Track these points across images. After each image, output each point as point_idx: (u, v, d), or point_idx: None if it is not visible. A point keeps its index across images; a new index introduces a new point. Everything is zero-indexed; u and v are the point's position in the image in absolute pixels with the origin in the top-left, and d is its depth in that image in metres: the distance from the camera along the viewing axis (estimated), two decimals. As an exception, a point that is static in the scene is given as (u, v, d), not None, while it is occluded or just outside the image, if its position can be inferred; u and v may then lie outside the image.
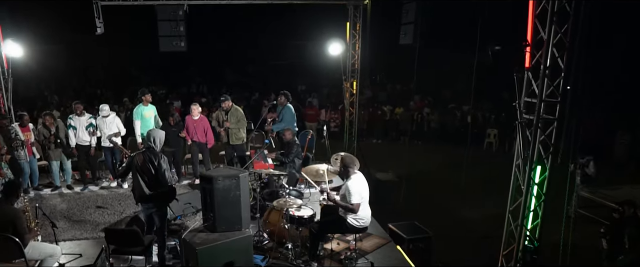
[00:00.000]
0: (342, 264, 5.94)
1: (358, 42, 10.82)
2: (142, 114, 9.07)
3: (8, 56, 9.76)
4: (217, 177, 5.12)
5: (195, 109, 9.06)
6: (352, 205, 5.47)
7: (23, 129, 8.48)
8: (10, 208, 5.13)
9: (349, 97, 11.28)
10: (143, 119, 9.07)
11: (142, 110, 9.10)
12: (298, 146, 8.11)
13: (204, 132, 9.09)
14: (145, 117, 9.08)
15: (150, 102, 9.25)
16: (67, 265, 5.95)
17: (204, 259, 4.98)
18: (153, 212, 5.70)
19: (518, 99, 4.88)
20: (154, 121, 9.28)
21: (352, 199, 5.47)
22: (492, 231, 8.25)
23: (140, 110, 9.11)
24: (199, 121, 9.04)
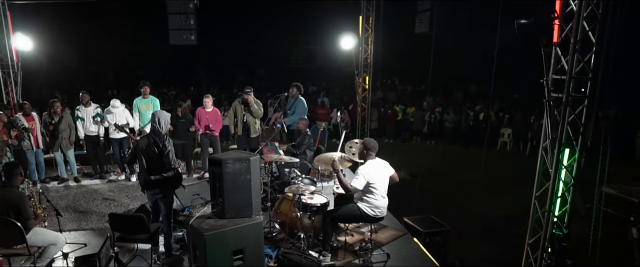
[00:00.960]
0: (356, 255, 5.66)
1: (371, 36, 10.61)
2: (138, 107, 8.91)
3: (18, 49, 9.74)
4: (227, 160, 4.88)
5: (208, 101, 8.85)
6: (352, 186, 5.20)
7: (27, 118, 8.33)
8: (12, 191, 4.95)
9: (361, 93, 11.04)
10: (140, 112, 8.91)
11: (139, 103, 8.93)
12: (310, 137, 7.87)
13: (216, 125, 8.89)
14: (141, 110, 8.92)
15: (148, 94, 9.03)
16: (71, 254, 5.73)
17: (212, 245, 4.72)
18: (159, 198, 5.48)
19: (546, 75, 4.60)
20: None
21: (354, 181, 5.21)
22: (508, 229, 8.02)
23: (137, 103, 8.95)
24: (211, 113, 8.83)
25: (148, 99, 8.95)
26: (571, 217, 4.76)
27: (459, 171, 11.86)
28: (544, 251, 4.85)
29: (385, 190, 5.43)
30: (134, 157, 5.50)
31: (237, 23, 21.04)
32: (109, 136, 8.86)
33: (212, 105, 8.96)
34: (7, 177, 5.02)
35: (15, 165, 5.18)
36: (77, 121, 8.66)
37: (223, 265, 4.84)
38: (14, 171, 5.02)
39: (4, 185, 5.01)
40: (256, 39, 23.16)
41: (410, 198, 9.05)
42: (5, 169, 5.17)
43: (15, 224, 4.77)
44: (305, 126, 7.86)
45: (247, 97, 8.39)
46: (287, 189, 6.04)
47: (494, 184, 10.54)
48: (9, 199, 4.87)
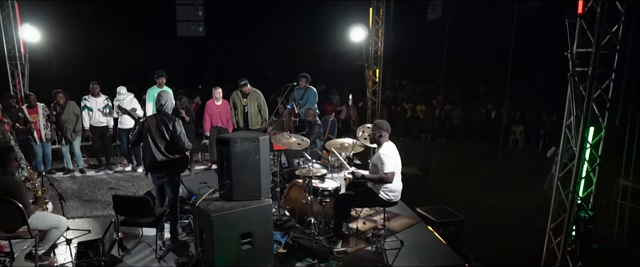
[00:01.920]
0: (369, 242, 5.45)
1: (381, 28, 10.41)
2: (154, 97, 8.71)
3: (25, 41, 9.65)
4: (235, 139, 4.70)
5: (218, 92, 8.68)
6: (385, 174, 5.00)
7: (31, 110, 8.19)
8: (9, 179, 4.73)
9: (371, 86, 10.84)
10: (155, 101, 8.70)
11: (154, 93, 8.72)
12: (320, 127, 7.68)
13: (227, 117, 8.74)
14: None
15: (164, 85, 8.82)
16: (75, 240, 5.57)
17: (219, 227, 4.54)
18: (165, 181, 5.30)
19: (570, 48, 4.38)
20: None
21: (385, 167, 5.00)
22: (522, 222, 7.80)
23: (152, 92, 8.73)
24: (222, 106, 8.66)
25: (163, 89, 8.76)
26: (597, 198, 4.52)
27: (470, 167, 11.64)
28: (568, 234, 4.62)
29: (399, 173, 5.22)
30: (139, 137, 5.31)
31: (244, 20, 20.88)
32: (118, 127, 8.70)
33: (222, 98, 8.78)
34: (1, 164, 4.79)
35: (10, 149, 4.99)
36: (83, 111, 8.51)
37: (231, 249, 4.66)
38: (9, 156, 4.79)
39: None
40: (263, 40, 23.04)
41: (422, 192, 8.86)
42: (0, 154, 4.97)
43: (16, 205, 4.60)
44: (313, 116, 7.67)
45: (245, 88, 8.27)
46: (297, 171, 5.84)
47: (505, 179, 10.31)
48: (5, 188, 4.65)
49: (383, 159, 5.04)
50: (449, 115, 15.69)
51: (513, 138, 14.81)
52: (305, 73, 8.67)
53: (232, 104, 8.54)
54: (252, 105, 8.32)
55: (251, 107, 8.30)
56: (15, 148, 7.40)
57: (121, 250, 5.35)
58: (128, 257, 5.27)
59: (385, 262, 5.06)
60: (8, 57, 9.61)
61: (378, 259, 5.12)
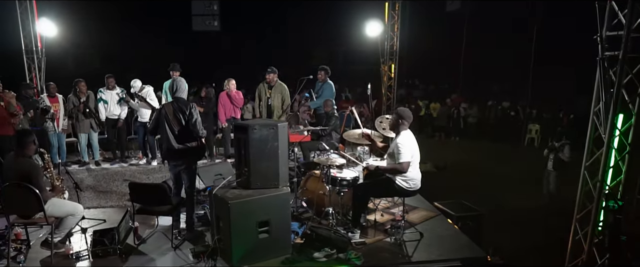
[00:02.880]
0: (387, 234, 5.34)
1: (397, 23, 10.32)
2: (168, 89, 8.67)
3: (42, 35, 9.69)
4: (253, 126, 4.62)
5: (232, 83, 8.63)
6: (400, 164, 4.90)
7: (51, 100, 8.22)
8: (25, 160, 4.73)
9: (387, 82, 10.74)
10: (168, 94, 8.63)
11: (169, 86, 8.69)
12: (337, 119, 7.59)
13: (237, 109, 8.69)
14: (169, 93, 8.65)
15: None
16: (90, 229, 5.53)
17: (236, 214, 4.46)
18: (181, 169, 5.23)
19: (599, 31, 4.24)
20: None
21: (401, 157, 4.90)
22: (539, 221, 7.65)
23: (166, 85, 8.71)
24: (233, 95, 8.61)
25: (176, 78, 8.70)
26: (626, 188, 4.37)
27: (486, 165, 11.49)
28: (595, 225, 4.47)
29: (418, 162, 5.11)
30: (157, 125, 5.25)
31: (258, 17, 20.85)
32: (137, 120, 8.68)
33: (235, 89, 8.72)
34: (19, 146, 4.77)
35: (28, 133, 4.96)
36: (99, 103, 8.51)
37: (248, 237, 4.59)
38: (26, 139, 4.77)
39: (16, 154, 4.81)
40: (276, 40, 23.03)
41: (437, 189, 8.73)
42: (18, 137, 4.97)
43: (33, 191, 4.57)
44: (331, 107, 7.59)
45: (269, 76, 8.19)
46: (316, 159, 5.75)
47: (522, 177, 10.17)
48: (20, 169, 4.65)
49: (400, 148, 4.94)
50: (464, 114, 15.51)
51: (529, 137, 14.62)
52: (325, 66, 8.51)
53: (258, 95, 8.47)
54: (275, 98, 8.20)
55: (275, 99, 8.18)
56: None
57: (136, 239, 5.30)
58: (143, 246, 5.22)
59: (405, 254, 4.95)
60: (25, 51, 9.66)
61: (397, 251, 5.01)
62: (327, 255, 4.75)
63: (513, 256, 6.43)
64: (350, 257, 4.72)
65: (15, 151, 4.81)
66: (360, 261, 4.70)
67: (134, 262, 4.83)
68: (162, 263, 4.81)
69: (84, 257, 4.89)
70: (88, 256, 4.87)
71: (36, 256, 4.96)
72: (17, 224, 4.95)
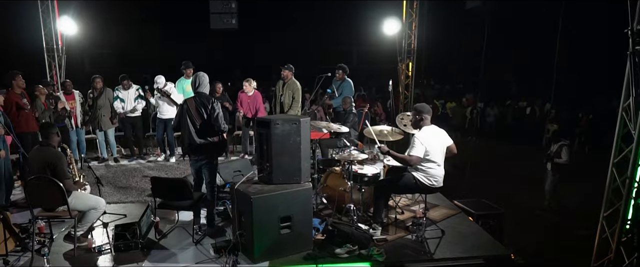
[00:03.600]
0: (408, 231, 5.30)
1: (415, 21, 10.25)
2: (183, 87, 8.70)
3: (63, 33, 9.81)
4: (276, 121, 4.62)
5: (248, 85, 8.64)
6: (409, 156, 4.86)
7: (68, 97, 8.29)
8: (49, 150, 4.82)
9: (404, 80, 10.68)
10: (185, 92, 8.64)
11: (184, 84, 8.72)
12: (355, 116, 7.56)
13: (256, 109, 8.68)
14: (186, 91, 8.66)
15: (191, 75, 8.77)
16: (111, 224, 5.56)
17: (259, 209, 4.45)
18: (203, 164, 5.24)
19: (630, 24, 4.15)
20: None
21: (412, 150, 4.86)
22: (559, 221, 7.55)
23: (182, 83, 8.74)
24: (253, 97, 8.62)
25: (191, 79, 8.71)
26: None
27: (502, 164, 11.35)
28: (624, 223, 4.38)
29: (442, 159, 5.06)
30: (180, 121, 5.27)
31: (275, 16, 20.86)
32: (157, 116, 8.73)
33: (254, 89, 8.73)
34: (44, 136, 4.95)
35: (51, 125, 5.09)
36: (115, 101, 8.57)
37: (270, 232, 4.58)
38: (50, 130, 4.92)
39: (41, 144, 4.90)
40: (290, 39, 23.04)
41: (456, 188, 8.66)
42: (42, 128, 5.09)
43: (57, 184, 4.61)
44: (350, 104, 7.56)
45: (284, 72, 8.20)
46: (337, 156, 5.73)
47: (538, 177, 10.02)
48: (45, 158, 4.75)
49: (414, 141, 4.91)
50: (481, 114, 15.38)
51: (547, 137, 14.41)
52: (343, 64, 8.49)
53: (274, 92, 8.50)
54: (286, 95, 8.24)
55: (286, 97, 8.22)
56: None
57: (157, 234, 5.32)
58: (164, 240, 5.23)
59: (427, 251, 4.90)
60: (46, 49, 9.78)
61: (419, 248, 4.97)
62: (349, 251, 4.72)
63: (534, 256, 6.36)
64: (372, 253, 4.68)
65: (40, 142, 4.91)
66: (382, 258, 4.65)
67: (155, 256, 4.83)
68: (184, 258, 4.81)
69: (106, 251, 4.92)
70: (110, 250, 4.90)
71: (59, 249, 5.00)
72: (41, 218, 4.99)
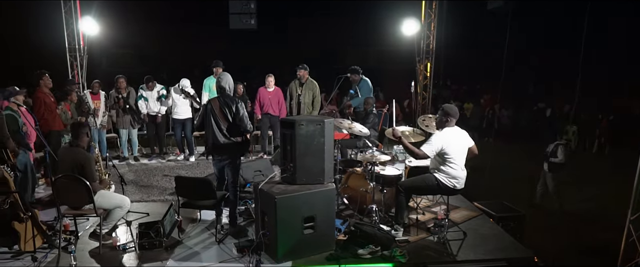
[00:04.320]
0: (430, 232, 5.29)
1: (433, 22, 10.21)
2: (210, 87, 8.76)
3: (85, 33, 9.95)
4: (300, 121, 4.64)
5: (270, 80, 8.68)
6: (420, 149, 4.87)
7: (94, 97, 8.41)
8: (79, 151, 4.89)
9: (423, 81, 10.63)
10: (211, 91, 8.69)
11: (211, 83, 8.76)
12: (375, 116, 7.56)
13: (278, 105, 8.71)
14: (213, 90, 8.72)
15: None
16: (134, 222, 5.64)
17: (282, 209, 4.48)
18: (226, 164, 5.29)
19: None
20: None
21: (425, 146, 4.88)
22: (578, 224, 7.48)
23: (209, 82, 8.79)
24: (273, 93, 8.66)
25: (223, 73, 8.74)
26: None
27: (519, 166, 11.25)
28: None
29: (463, 160, 5.05)
30: (203, 121, 5.32)
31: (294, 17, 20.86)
32: (172, 117, 8.80)
33: (275, 85, 8.77)
34: (73, 137, 5.00)
35: (82, 125, 5.14)
36: (139, 100, 8.67)
37: (293, 233, 4.61)
38: (81, 130, 4.98)
39: (70, 145, 4.98)
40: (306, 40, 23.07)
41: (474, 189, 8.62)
42: (72, 128, 5.15)
43: (84, 183, 4.69)
44: (371, 105, 7.56)
45: (300, 72, 8.23)
46: (360, 156, 5.74)
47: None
48: (75, 159, 4.82)
49: (431, 139, 4.93)
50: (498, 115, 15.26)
51: (565, 138, 14.25)
52: (353, 66, 8.42)
53: (289, 93, 8.52)
54: (306, 95, 8.27)
55: (305, 97, 8.25)
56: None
57: (180, 233, 5.38)
58: (188, 239, 5.28)
59: (449, 252, 4.90)
60: (68, 49, 9.93)
61: (441, 249, 4.96)
62: (372, 252, 4.73)
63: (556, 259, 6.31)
64: (394, 254, 4.69)
65: (70, 141, 4.99)
66: (405, 259, 4.66)
67: (179, 255, 4.89)
68: (207, 257, 4.86)
69: (130, 249, 4.99)
70: (134, 248, 4.97)
71: (84, 247, 5.08)
72: (67, 215, 5.07)
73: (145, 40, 19.30)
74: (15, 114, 5.79)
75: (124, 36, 16.71)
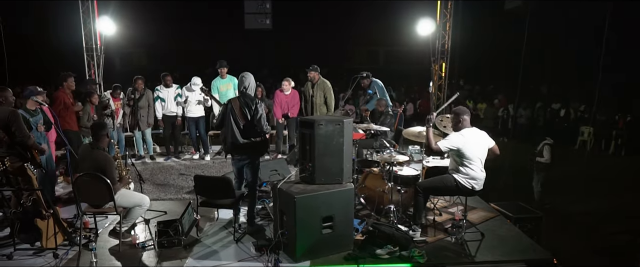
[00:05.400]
0: (447, 233, 5.28)
1: (449, 22, 10.17)
2: (218, 88, 8.78)
3: (102, 33, 10.05)
4: (320, 121, 4.66)
5: (287, 84, 8.71)
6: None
7: (114, 99, 8.50)
8: (100, 153, 4.94)
9: (437, 81, 10.60)
10: (219, 92, 8.72)
11: (218, 84, 8.80)
12: (391, 117, 7.57)
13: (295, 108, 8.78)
14: (221, 91, 8.75)
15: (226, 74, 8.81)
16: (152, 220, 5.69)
17: (301, 209, 4.50)
18: (245, 164, 5.32)
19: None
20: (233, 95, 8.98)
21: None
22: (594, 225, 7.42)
23: (216, 83, 8.82)
24: (290, 96, 8.69)
25: (227, 79, 8.79)
26: None
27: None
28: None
29: (482, 161, 5.04)
30: (223, 120, 5.36)
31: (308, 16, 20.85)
32: (186, 115, 8.87)
33: (291, 88, 8.80)
34: (94, 139, 5.05)
35: (103, 126, 5.19)
36: (156, 101, 8.74)
37: (312, 232, 4.62)
38: (101, 132, 5.03)
39: (91, 147, 5.02)
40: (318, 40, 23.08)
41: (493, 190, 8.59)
42: (92, 130, 5.20)
43: (105, 181, 4.74)
44: (384, 106, 7.57)
45: (310, 74, 8.26)
46: (378, 157, 5.75)
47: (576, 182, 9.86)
48: (96, 161, 4.87)
49: (450, 137, 4.96)
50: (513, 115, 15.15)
51: (581, 139, 14.13)
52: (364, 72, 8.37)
53: (304, 95, 8.55)
54: (318, 95, 8.29)
55: (317, 97, 8.27)
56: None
57: (198, 232, 5.41)
58: (206, 238, 5.32)
59: (467, 253, 4.88)
60: (85, 49, 10.04)
61: (460, 250, 4.95)
62: (390, 252, 4.73)
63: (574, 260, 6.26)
64: (413, 255, 4.68)
65: (91, 143, 5.04)
66: (423, 259, 4.65)
67: (198, 253, 4.93)
68: (226, 255, 4.89)
69: (149, 247, 5.04)
70: (153, 246, 5.01)
71: (104, 244, 5.14)
72: (88, 213, 5.13)
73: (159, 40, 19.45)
74: (26, 114, 5.85)
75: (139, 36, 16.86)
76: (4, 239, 5.22)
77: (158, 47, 20.49)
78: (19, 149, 5.16)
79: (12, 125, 5.10)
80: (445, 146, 4.88)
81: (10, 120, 5.10)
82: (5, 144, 5.15)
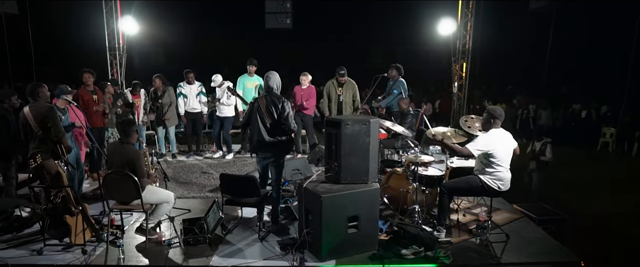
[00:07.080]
0: (472, 234, 5.25)
1: (470, 21, 10.11)
2: (244, 85, 8.84)
3: (124, 32, 10.18)
4: (346, 121, 4.66)
5: (305, 79, 8.73)
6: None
7: (135, 97, 8.61)
8: (130, 148, 5.02)
9: (458, 81, 10.54)
10: (245, 89, 8.77)
11: (245, 81, 8.85)
12: (412, 117, 7.54)
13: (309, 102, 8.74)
14: (247, 88, 8.79)
15: (254, 73, 8.88)
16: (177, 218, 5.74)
17: (328, 208, 4.51)
18: (270, 162, 5.35)
19: None
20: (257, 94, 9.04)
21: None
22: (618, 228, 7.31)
23: (243, 80, 8.88)
24: (307, 90, 8.71)
25: (254, 77, 8.84)
26: None
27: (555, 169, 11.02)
28: None
29: (509, 162, 5.00)
30: (250, 118, 5.39)
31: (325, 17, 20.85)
32: (216, 114, 8.93)
33: (309, 83, 8.81)
34: (124, 134, 5.12)
35: (132, 122, 5.26)
36: (178, 98, 8.82)
37: (338, 231, 4.63)
38: (131, 128, 5.10)
39: (121, 142, 5.10)
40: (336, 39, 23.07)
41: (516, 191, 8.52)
42: (121, 126, 5.27)
43: (133, 179, 4.80)
44: (407, 105, 7.55)
45: (342, 79, 8.28)
46: (402, 157, 5.74)
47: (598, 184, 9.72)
48: (126, 156, 4.95)
49: (478, 138, 4.92)
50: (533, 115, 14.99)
51: (603, 141, 13.93)
52: (397, 64, 8.46)
53: (327, 93, 8.55)
54: (347, 94, 8.32)
55: (346, 96, 8.31)
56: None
57: (223, 230, 5.46)
58: (230, 236, 5.36)
59: (493, 255, 4.85)
60: (108, 48, 10.18)
61: (485, 251, 4.92)
62: (415, 252, 4.72)
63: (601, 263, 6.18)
64: (438, 255, 4.67)
65: (120, 139, 5.12)
66: (449, 260, 4.64)
67: (223, 251, 4.96)
68: (250, 253, 4.92)
69: (175, 244, 5.08)
70: (179, 244, 5.06)
71: (131, 241, 5.21)
72: (114, 210, 5.20)
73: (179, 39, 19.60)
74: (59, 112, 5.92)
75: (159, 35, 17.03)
76: (34, 235, 5.32)
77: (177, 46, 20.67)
78: (51, 145, 5.26)
79: (49, 121, 5.21)
80: (476, 149, 4.83)
81: (47, 116, 5.22)
82: (38, 138, 5.25)
